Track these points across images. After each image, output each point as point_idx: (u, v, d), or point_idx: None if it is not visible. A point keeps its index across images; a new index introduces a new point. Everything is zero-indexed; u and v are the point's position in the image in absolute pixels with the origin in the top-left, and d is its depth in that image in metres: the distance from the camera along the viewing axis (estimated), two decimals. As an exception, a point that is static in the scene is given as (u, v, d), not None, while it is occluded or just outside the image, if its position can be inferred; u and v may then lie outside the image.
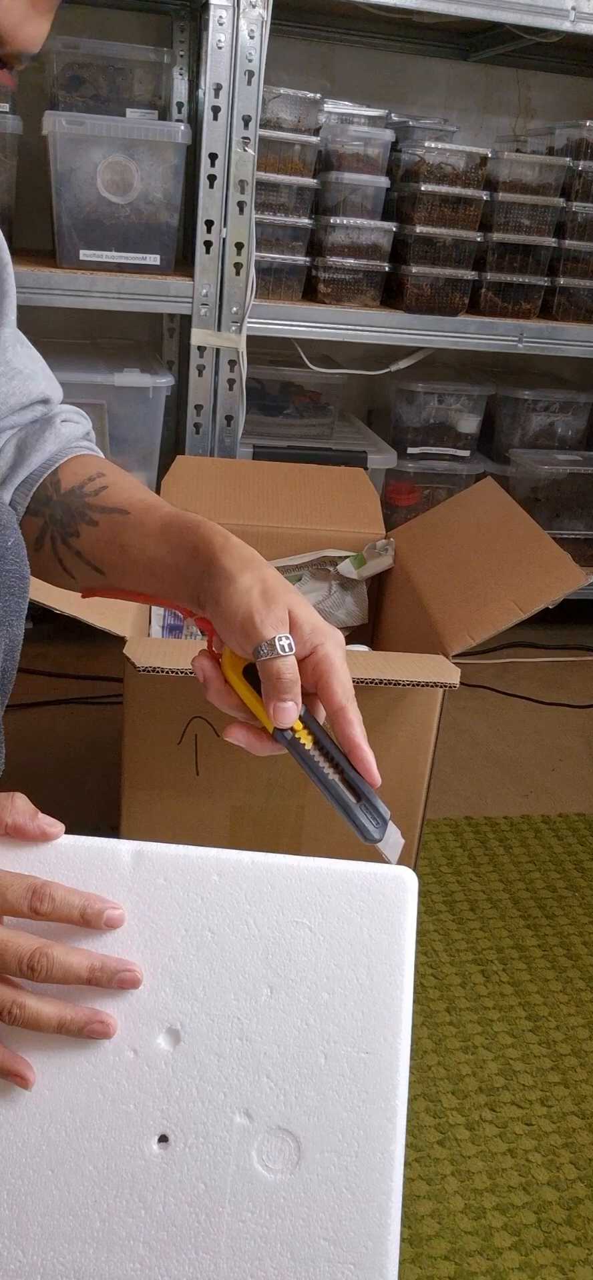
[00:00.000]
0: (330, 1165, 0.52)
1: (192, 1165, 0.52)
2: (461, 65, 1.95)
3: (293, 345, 1.76)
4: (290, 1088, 0.53)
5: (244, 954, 0.54)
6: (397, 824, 0.63)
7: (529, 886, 1.29)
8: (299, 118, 1.62)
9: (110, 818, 1.16)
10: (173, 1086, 0.52)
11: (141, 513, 0.73)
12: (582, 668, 1.91)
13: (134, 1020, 0.53)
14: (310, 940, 0.55)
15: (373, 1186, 0.52)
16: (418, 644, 1.25)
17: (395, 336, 1.71)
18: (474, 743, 1.62)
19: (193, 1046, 0.53)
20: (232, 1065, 0.53)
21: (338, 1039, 0.54)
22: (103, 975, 0.54)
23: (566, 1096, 0.99)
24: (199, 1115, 0.52)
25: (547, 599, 1.14)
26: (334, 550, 1.50)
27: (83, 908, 0.55)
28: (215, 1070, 0.53)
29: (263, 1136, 0.53)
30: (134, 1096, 0.52)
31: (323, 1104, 0.53)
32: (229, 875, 0.55)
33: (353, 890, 0.55)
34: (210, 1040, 0.53)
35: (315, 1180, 0.52)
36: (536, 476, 1.93)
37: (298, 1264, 0.52)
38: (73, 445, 0.83)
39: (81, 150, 1.49)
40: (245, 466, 1.62)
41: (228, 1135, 0.52)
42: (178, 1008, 0.53)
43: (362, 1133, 0.53)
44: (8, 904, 0.54)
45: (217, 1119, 0.52)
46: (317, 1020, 0.54)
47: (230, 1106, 0.53)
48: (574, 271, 1.78)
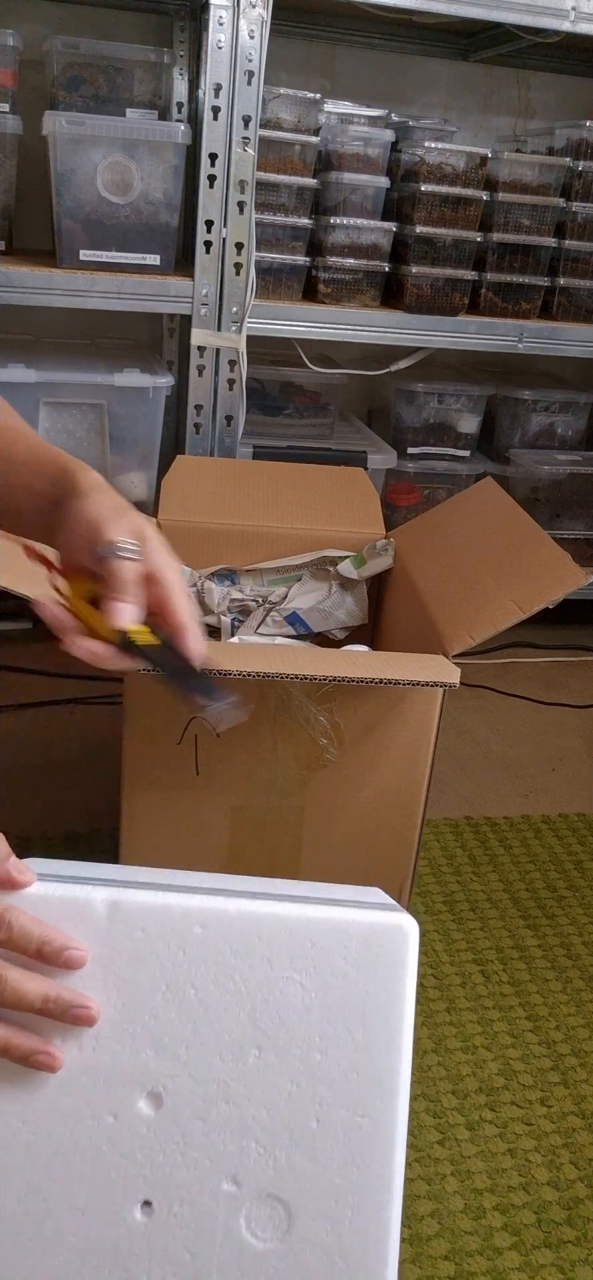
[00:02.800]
0: (322, 1233, 0.50)
1: (177, 1233, 0.49)
2: (461, 65, 1.95)
3: (293, 345, 1.76)
4: (280, 1153, 0.50)
5: (230, 1012, 0.51)
6: (397, 822, 0.63)
7: (529, 886, 1.29)
8: (299, 118, 1.62)
9: (110, 818, 1.16)
10: (156, 1152, 0.50)
11: (7, 441, 0.71)
12: (582, 668, 1.91)
13: (113, 1083, 0.51)
14: (301, 997, 0.51)
15: (368, 1255, 0.50)
16: (418, 644, 1.24)
17: (395, 336, 1.71)
18: (474, 743, 1.62)
19: (176, 1110, 0.50)
20: (218, 1130, 0.50)
21: (331, 1102, 0.51)
22: (56, 1007, 0.51)
23: (566, 1096, 0.99)
24: (184, 1182, 0.50)
25: (547, 599, 1.14)
26: (334, 550, 1.50)
27: (41, 942, 0.52)
28: (201, 1135, 0.50)
29: (251, 1204, 0.50)
30: (115, 1163, 0.50)
31: (315, 1170, 0.50)
32: (213, 927, 0.52)
33: (348, 941, 0.52)
34: (195, 1103, 0.50)
35: (307, 1249, 0.50)
36: (536, 476, 1.93)
37: None
38: None
39: (81, 150, 1.49)
40: (245, 466, 1.62)
41: (214, 1203, 0.50)
42: (160, 1069, 0.51)
43: (356, 1200, 0.50)
44: None
45: (202, 1186, 0.50)
46: (308, 1082, 0.51)
47: (217, 1173, 0.50)
48: (574, 271, 1.78)
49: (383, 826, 1.15)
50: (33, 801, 1.33)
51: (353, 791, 1.13)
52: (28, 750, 1.45)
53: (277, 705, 1.07)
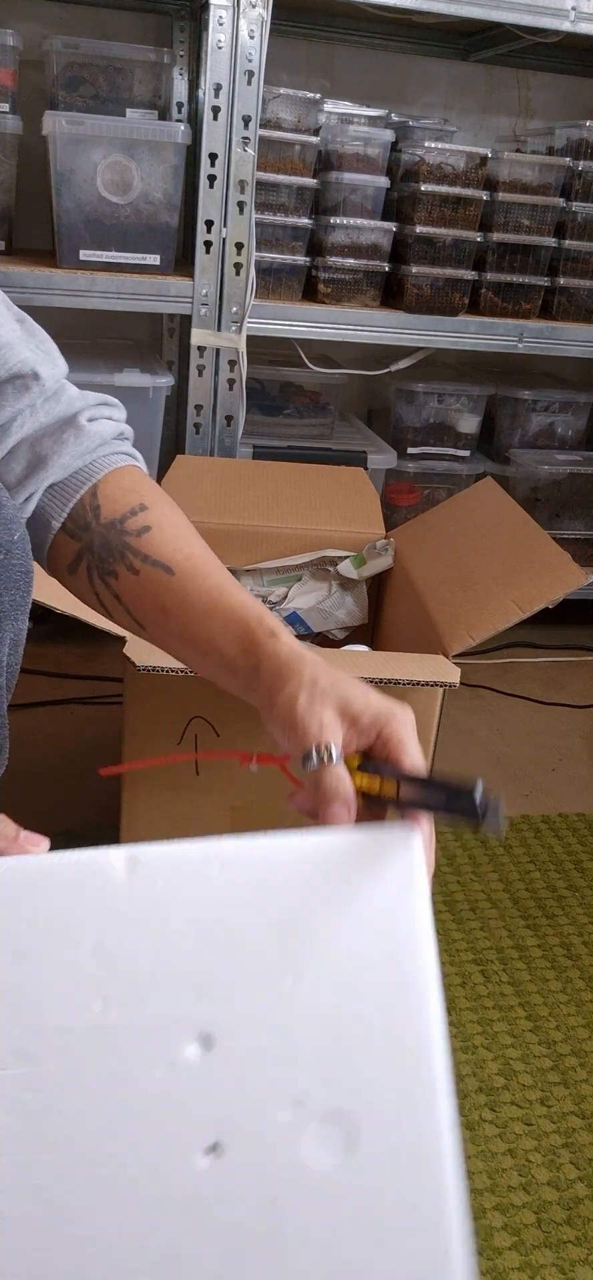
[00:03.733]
0: (383, 1139, 0.50)
1: (245, 1170, 0.49)
2: (461, 65, 1.95)
3: (293, 345, 1.76)
4: (332, 1070, 0.51)
5: (260, 944, 0.52)
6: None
7: (529, 886, 1.29)
8: (299, 118, 1.62)
9: (110, 818, 1.16)
10: (212, 1094, 0.50)
11: (187, 577, 0.69)
12: (582, 668, 1.91)
13: (160, 1035, 0.50)
14: (325, 917, 0.53)
15: (428, 1150, 0.50)
16: (418, 644, 1.24)
17: (395, 336, 1.71)
18: (474, 743, 1.62)
19: (226, 1048, 0.50)
20: (269, 1059, 0.51)
21: (370, 1009, 0.52)
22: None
23: (566, 1096, 0.99)
24: (245, 1117, 0.50)
25: (547, 599, 1.14)
26: (334, 550, 1.50)
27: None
28: (254, 1068, 0.50)
29: (314, 1125, 0.50)
30: (173, 1113, 0.50)
31: (366, 1079, 0.51)
32: (232, 865, 0.53)
33: (359, 857, 0.54)
34: (243, 1038, 0.50)
35: (371, 1157, 0.50)
36: (536, 476, 1.93)
37: (365, 1244, 0.49)
38: (107, 452, 0.74)
39: (81, 150, 1.49)
40: (245, 466, 1.62)
41: (277, 1131, 0.50)
42: (203, 1012, 0.51)
43: (408, 1099, 0.51)
44: None
45: (264, 1117, 0.50)
46: (346, 996, 0.52)
47: (275, 1102, 0.50)
48: (574, 271, 1.78)
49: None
50: (33, 801, 1.33)
51: (353, 791, 1.12)
52: (28, 750, 1.45)
53: (277, 705, 1.07)
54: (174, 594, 0.69)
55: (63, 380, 0.75)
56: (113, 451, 0.75)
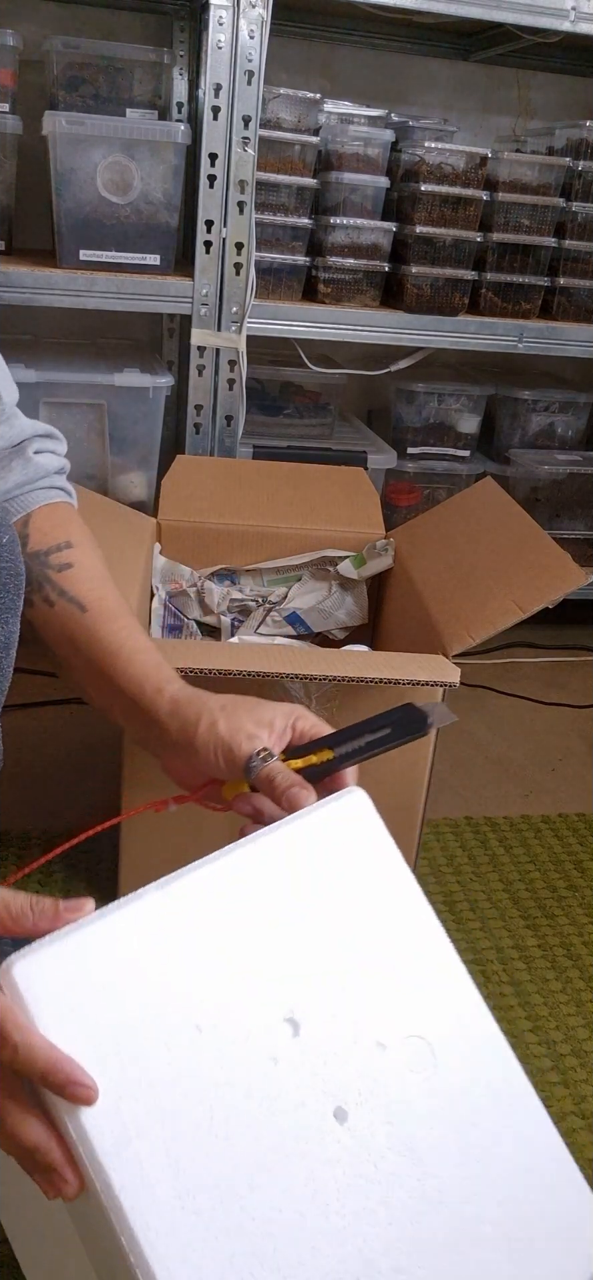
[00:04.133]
0: (452, 1045, 0.58)
1: (371, 1117, 0.54)
2: (461, 65, 1.95)
3: (293, 345, 1.76)
4: (398, 1002, 0.58)
5: (298, 927, 0.57)
6: (397, 822, 0.65)
7: (529, 886, 1.29)
8: (299, 118, 1.62)
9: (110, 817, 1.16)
10: (318, 1065, 0.54)
11: (97, 616, 0.74)
12: (582, 668, 1.91)
13: (256, 1033, 0.53)
14: (328, 884, 0.59)
15: (487, 1044, 0.60)
16: (418, 644, 1.25)
17: (395, 336, 1.71)
18: (474, 743, 1.62)
19: (311, 1024, 0.55)
20: (350, 1014, 0.56)
21: (394, 945, 0.59)
22: (42, 1162, 0.47)
23: (566, 1096, 0.99)
24: (351, 1073, 0.55)
25: (547, 599, 1.14)
26: (334, 550, 1.50)
27: (45, 1072, 0.47)
28: (342, 1027, 0.55)
29: (404, 1052, 0.56)
30: (294, 1095, 0.53)
31: (416, 1000, 0.58)
32: (252, 872, 0.58)
33: (331, 831, 0.61)
34: (322, 1007, 0.55)
35: (448, 1063, 0.58)
36: (536, 476, 1.93)
37: (482, 1146, 0.56)
38: (45, 486, 0.80)
39: (81, 150, 1.49)
40: (245, 466, 1.62)
41: (380, 1071, 0.55)
42: (282, 998, 0.55)
43: (455, 1011, 0.59)
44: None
45: (365, 1066, 0.55)
46: (369, 937, 0.59)
47: (369, 1047, 0.55)
48: (574, 271, 1.78)
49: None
50: (33, 801, 1.33)
51: (353, 791, 1.12)
52: (28, 750, 1.45)
53: (277, 705, 1.07)
54: (84, 630, 0.74)
55: (14, 406, 0.82)
56: (51, 486, 0.80)
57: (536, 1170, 0.58)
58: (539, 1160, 0.58)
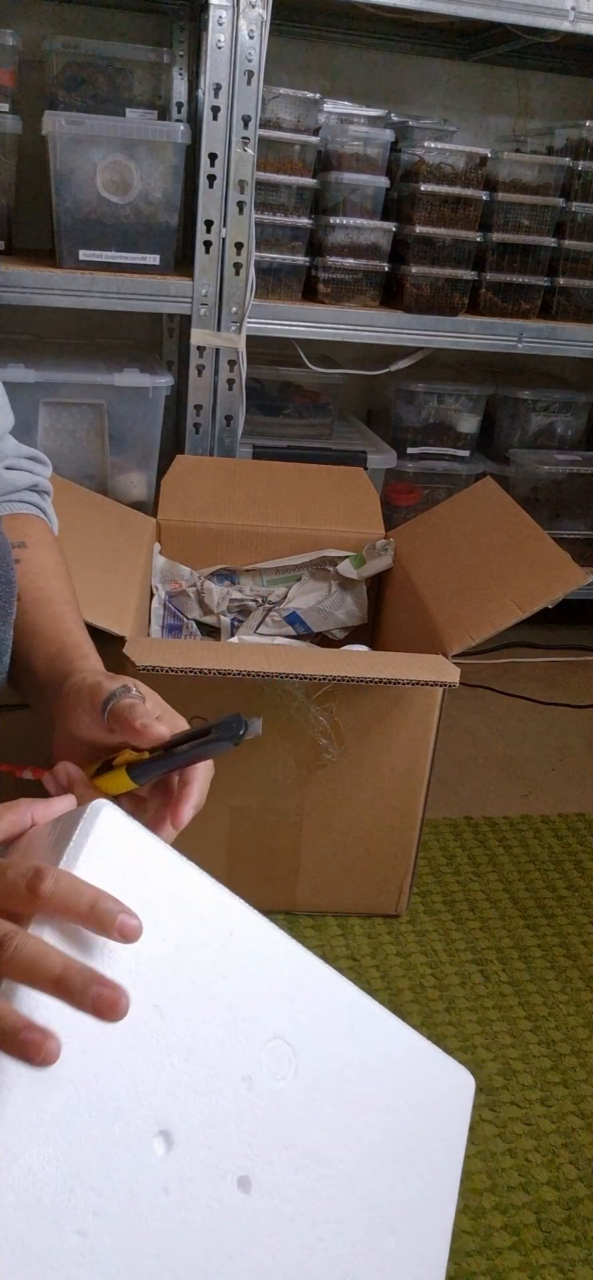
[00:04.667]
0: (296, 1016, 0.55)
1: (271, 1162, 0.53)
2: (461, 65, 1.95)
3: (293, 345, 1.76)
4: (234, 1022, 0.53)
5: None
6: (397, 822, 0.64)
7: (529, 886, 1.29)
8: (299, 118, 1.62)
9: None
10: (206, 1150, 0.51)
11: (29, 604, 0.75)
12: (582, 668, 1.91)
13: (135, 1160, 0.48)
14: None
15: (322, 989, 0.57)
16: (418, 644, 1.25)
17: (395, 336, 1.71)
18: (474, 743, 1.62)
19: (183, 1125, 0.50)
20: (212, 1078, 0.52)
21: (204, 951, 0.54)
22: (77, 978, 0.45)
23: (565, 1096, 0.99)
24: (238, 1133, 0.52)
25: (547, 599, 1.14)
26: (334, 550, 1.50)
27: (94, 899, 0.46)
28: (211, 1097, 0.51)
29: (268, 1069, 0.53)
30: (194, 1189, 0.50)
31: (252, 1001, 0.54)
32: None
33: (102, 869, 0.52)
34: (185, 1103, 0.51)
35: (305, 1038, 0.55)
36: (535, 476, 1.93)
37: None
38: (14, 499, 0.83)
39: (81, 150, 1.49)
40: (245, 466, 1.62)
41: (258, 1106, 0.52)
42: (146, 1114, 0.49)
43: (284, 976, 0.56)
44: (5, 882, 0.47)
45: (245, 1111, 0.52)
46: (184, 964, 0.53)
47: (238, 1092, 0.52)
48: (574, 271, 1.78)
49: (383, 826, 1.15)
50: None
51: (353, 791, 1.13)
52: (28, 750, 1.45)
53: (276, 705, 1.07)
54: (18, 618, 0.75)
55: (6, 433, 0.84)
56: (19, 500, 0.84)
57: (407, 1074, 0.60)
58: (405, 1062, 0.60)
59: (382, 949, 1.16)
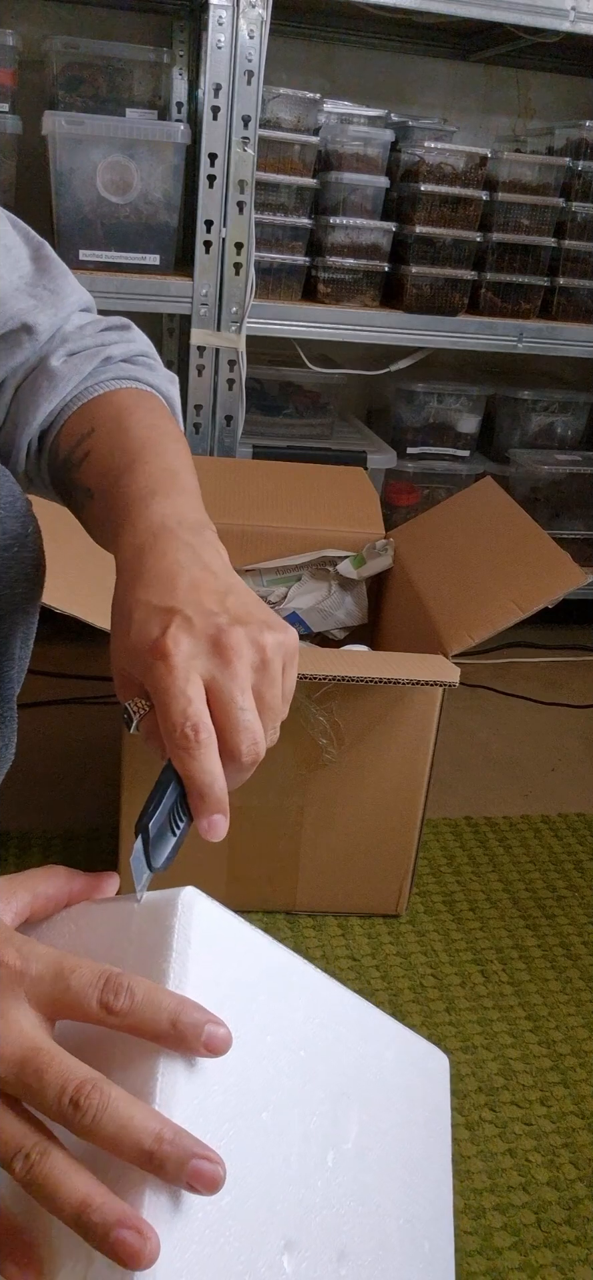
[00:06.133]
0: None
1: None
2: (461, 65, 1.95)
3: (293, 345, 1.76)
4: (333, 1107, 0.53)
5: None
6: (397, 822, 0.64)
7: (529, 886, 1.29)
8: (299, 118, 1.62)
9: (110, 818, 1.16)
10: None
11: (102, 495, 0.61)
12: (582, 668, 1.91)
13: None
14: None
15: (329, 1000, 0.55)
16: (418, 644, 1.24)
17: (395, 336, 1.71)
18: (474, 743, 1.62)
19: (302, 1233, 0.48)
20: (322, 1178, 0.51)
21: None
22: (172, 1151, 0.37)
23: (565, 1096, 0.99)
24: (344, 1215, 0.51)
25: (547, 599, 1.14)
26: (334, 550, 1.50)
27: (176, 1013, 0.39)
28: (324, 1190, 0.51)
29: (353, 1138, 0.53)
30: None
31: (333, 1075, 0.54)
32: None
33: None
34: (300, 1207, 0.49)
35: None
36: (535, 476, 1.93)
37: None
38: (78, 391, 0.67)
39: (81, 150, 1.49)
40: (245, 466, 1.62)
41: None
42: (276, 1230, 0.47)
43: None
44: (70, 994, 0.40)
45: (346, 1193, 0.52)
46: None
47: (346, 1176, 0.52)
48: (574, 271, 1.78)
49: (383, 826, 1.15)
50: (33, 801, 1.33)
51: (353, 791, 1.13)
52: (28, 750, 1.45)
53: (276, 705, 1.07)
54: (91, 520, 0.63)
55: (62, 323, 0.68)
56: (85, 388, 0.67)
57: (408, 1070, 0.59)
58: (405, 1058, 0.60)
59: (382, 949, 1.16)
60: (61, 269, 0.71)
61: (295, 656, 0.53)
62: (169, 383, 0.72)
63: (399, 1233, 0.55)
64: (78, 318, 0.70)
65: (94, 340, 0.69)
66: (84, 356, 0.67)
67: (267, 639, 0.50)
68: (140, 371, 0.70)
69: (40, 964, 0.40)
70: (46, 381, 0.66)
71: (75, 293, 0.70)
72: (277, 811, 1.13)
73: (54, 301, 0.68)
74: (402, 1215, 0.56)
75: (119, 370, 0.68)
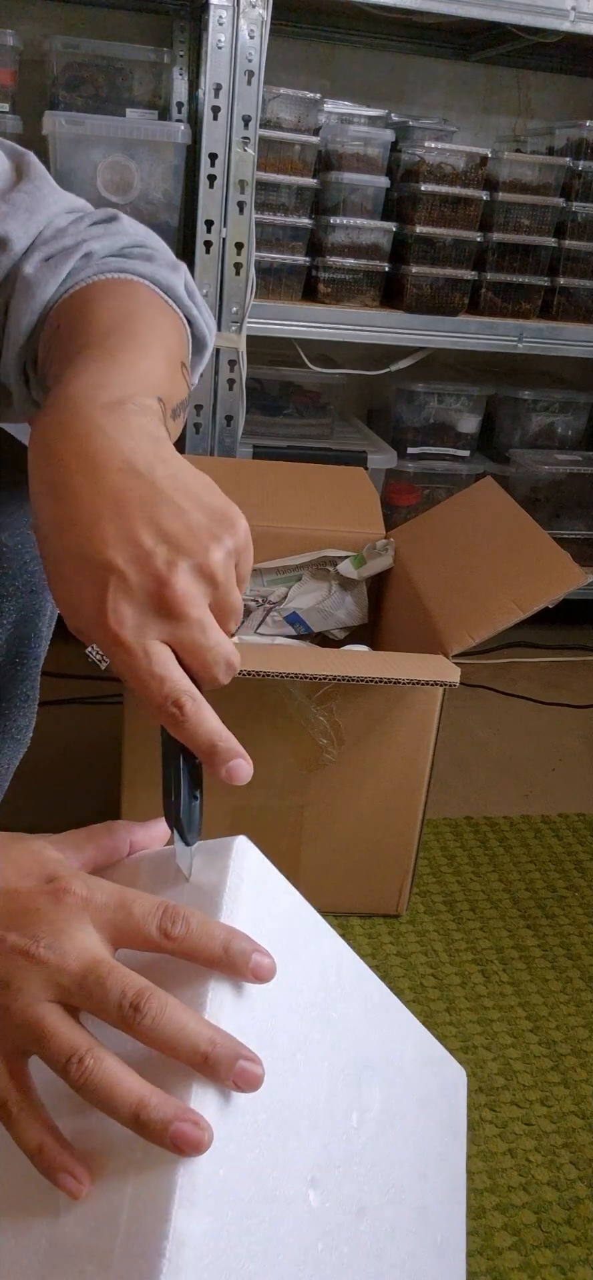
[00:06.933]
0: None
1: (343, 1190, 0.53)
2: (461, 65, 1.95)
3: (293, 345, 1.76)
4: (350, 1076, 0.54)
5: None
6: (397, 822, 0.64)
7: (529, 886, 1.29)
8: (299, 118, 1.62)
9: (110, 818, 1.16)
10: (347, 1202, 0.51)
11: (49, 368, 0.56)
12: (582, 668, 1.91)
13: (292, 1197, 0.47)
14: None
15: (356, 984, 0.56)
16: (418, 644, 1.24)
17: (395, 336, 1.71)
18: (474, 743, 1.62)
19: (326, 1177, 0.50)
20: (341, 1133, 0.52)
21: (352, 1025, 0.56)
22: (223, 1054, 0.41)
23: (566, 1096, 0.99)
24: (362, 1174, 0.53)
25: (547, 599, 1.14)
26: (334, 550, 1.50)
27: (227, 941, 0.43)
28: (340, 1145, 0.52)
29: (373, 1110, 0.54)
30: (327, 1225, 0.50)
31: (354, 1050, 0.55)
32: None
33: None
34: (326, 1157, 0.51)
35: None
36: (536, 476, 1.93)
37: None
38: (57, 295, 0.59)
39: (81, 150, 1.49)
40: (245, 466, 1.62)
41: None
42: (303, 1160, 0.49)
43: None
44: (132, 920, 0.43)
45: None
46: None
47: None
48: (574, 271, 1.78)
49: (383, 826, 1.15)
50: (33, 801, 1.33)
51: (353, 791, 1.13)
52: (28, 750, 1.45)
53: (276, 705, 1.07)
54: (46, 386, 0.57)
55: (42, 228, 0.61)
56: (64, 291, 0.59)
57: (425, 1066, 0.61)
58: (423, 1055, 0.61)
59: (382, 949, 1.16)
60: (43, 175, 0.64)
61: (248, 547, 0.50)
62: (170, 270, 0.63)
63: (413, 1214, 0.56)
64: (61, 220, 0.62)
65: (73, 239, 0.60)
66: (60, 258, 0.59)
67: (213, 560, 0.46)
68: (132, 264, 0.61)
69: (105, 894, 0.44)
70: (22, 291, 0.59)
71: (59, 200, 0.63)
72: (277, 811, 1.13)
73: (30, 206, 0.61)
74: (417, 1200, 0.56)
75: (102, 265, 0.60)
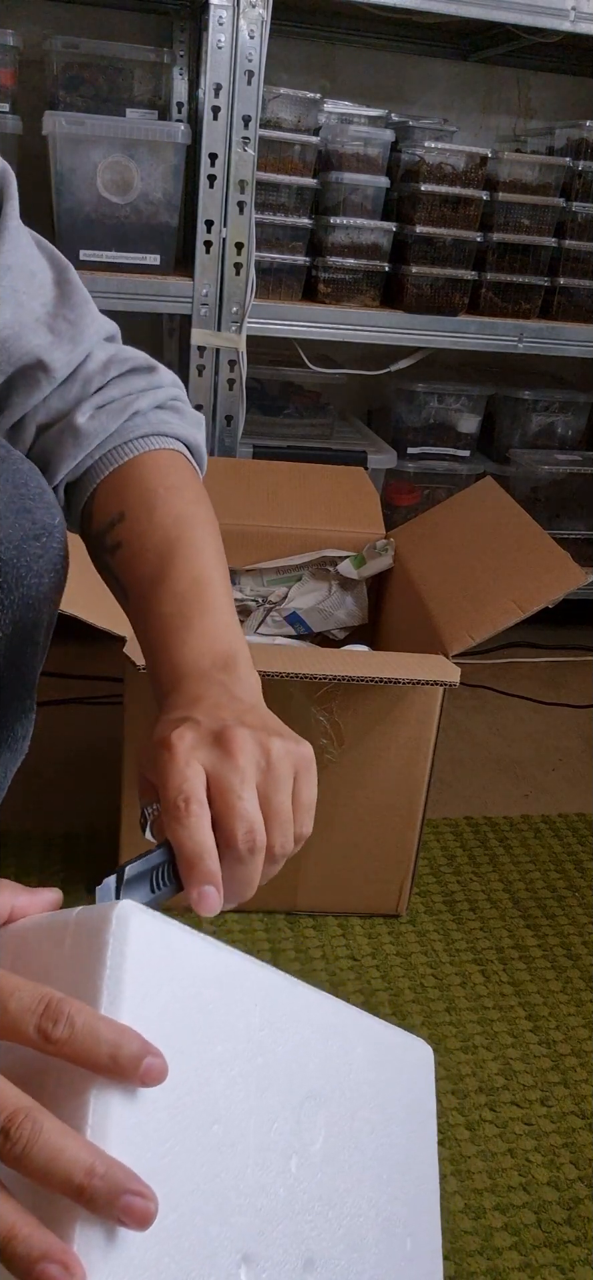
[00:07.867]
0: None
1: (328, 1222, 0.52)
2: (461, 65, 1.95)
3: (293, 345, 1.76)
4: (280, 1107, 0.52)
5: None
6: (397, 822, 0.63)
7: (529, 886, 1.29)
8: (299, 118, 1.62)
9: (110, 818, 1.16)
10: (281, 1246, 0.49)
11: (137, 603, 0.64)
12: (582, 668, 1.91)
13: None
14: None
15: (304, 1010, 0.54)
16: (418, 644, 1.25)
17: (395, 336, 1.71)
18: (474, 743, 1.62)
19: (261, 1248, 0.48)
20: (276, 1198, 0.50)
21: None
22: (102, 1187, 0.37)
23: (566, 1096, 0.99)
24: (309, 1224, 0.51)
25: (547, 599, 1.14)
26: (334, 550, 1.50)
27: (115, 1045, 0.39)
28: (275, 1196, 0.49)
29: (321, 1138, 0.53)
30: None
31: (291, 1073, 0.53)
32: None
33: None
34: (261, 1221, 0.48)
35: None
36: (536, 476, 1.93)
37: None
38: (104, 451, 0.68)
39: (81, 150, 1.49)
40: (245, 466, 1.62)
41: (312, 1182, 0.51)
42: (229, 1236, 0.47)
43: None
44: (8, 1017, 0.39)
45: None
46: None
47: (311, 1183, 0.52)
48: (574, 271, 1.78)
49: (383, 826, 1.15)
50: (33, 801, 1.33)
51: (353, 791, 1.13)
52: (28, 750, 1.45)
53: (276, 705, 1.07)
54: (131, 616, 0.66)
55: (82, 359, 0.68)
56: (112, 447, 0.68)
57: (388, 1068, 0.59)
58: (386, 1057, 0.59)
59: (382, 949, 1.16)
60: (83, 296, 0.71)
61: (311, 767, 0.56)
62: (196, 427, 0.74)
63: (377, 1233, 0.54)
64: (101, 352, 0.70)
65: (120, 391, 0.70)
66: (110, 412, 0.68)
67: (273, 743, 0.52)
68: (168, 421, 0.71)
69: None
70: (72, 439, 0.67)
71: (95, 323, 0.71)
72: (277, 811, 1.12)
73: (73, 335, 0.68)
74: (379, 1215, 0.55)
75: (147, 425, 0.70)
